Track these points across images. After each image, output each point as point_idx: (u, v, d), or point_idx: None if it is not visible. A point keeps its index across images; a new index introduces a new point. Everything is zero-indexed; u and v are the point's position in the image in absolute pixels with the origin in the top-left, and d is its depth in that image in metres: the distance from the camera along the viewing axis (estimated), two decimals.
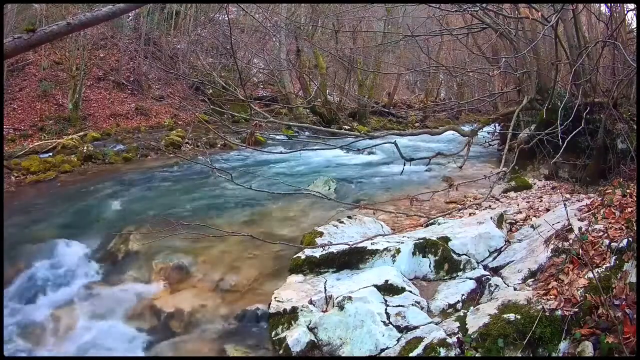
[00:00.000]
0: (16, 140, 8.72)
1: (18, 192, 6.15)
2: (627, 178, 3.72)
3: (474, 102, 10.67)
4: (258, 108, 5.28)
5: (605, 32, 5.12)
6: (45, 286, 3.65)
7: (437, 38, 10.39)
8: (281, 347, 2.67)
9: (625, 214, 2.75)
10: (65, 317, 3.28)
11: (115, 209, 5.25)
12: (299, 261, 3.38)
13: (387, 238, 3.52)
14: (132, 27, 13.95)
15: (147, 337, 3.07)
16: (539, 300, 2.39)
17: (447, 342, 2.33)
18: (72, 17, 2.26)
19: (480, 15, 5.73)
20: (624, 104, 4.99)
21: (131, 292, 3.50)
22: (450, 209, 4.59)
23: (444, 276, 3.17)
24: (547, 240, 3.02)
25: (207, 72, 11.32)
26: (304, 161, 7.74)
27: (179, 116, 11.85)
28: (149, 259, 3.78)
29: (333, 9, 12.00)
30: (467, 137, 5.06)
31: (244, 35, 14.49)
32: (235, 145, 8.47)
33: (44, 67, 11.13)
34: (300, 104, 12.53)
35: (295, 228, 4.36)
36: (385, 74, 14.21)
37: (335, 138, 6.40)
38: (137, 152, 8.44)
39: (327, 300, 2.91)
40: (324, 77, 13.56)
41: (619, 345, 1.95)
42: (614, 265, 2.37)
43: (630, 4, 5.15)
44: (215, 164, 5.99)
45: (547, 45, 6.27)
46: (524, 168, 6.10)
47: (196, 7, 14.81)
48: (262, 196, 4.87)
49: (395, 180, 5.99)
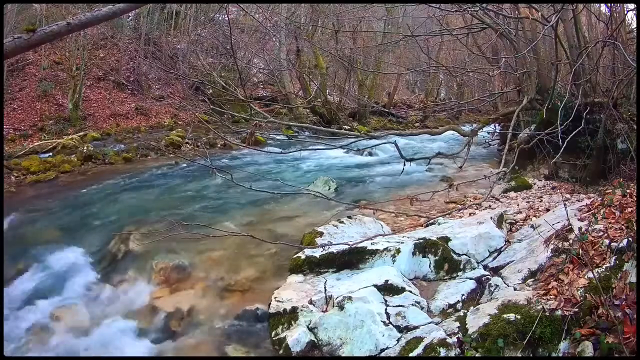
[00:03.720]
0: (16, 140, 8.72)
1: (18, 192, 6.15)
2: (627, 178, 3.72)
3: (474, 102, 10.66)
4: (258, 108, 5.28)
5: (605, 32, 5.11)
6: (45, 286, 3.64)
7: (437, 38, 10.38)
8: (281, 347, 2.67)
9: (625, 214, 2.75)
10: (65, 317, 3.27)
11: (115, 209, 5.25)
12: (299, 261, 3.38)
13: (387, 238, 3.52)
14: (132, 27, 13.97)
15: (147, 337, 3.07)
16: (539, 300, 2.39)
17: (447, 342, 2.33)
18: (72, 17, 2.25)
19: (480, 15, 5.73)
20: (624, 104, 4.99)
21: (131, 292, 3.50)
22: (450, 209, 4.59)
23: (444, 276, 3.17)
24: (547, 240, 3.02)
25: (207, 72, 11.32)
26: (304, 161, 7.74)
27: (179, 116, 11.85)
28: (149, 259, 3.78)
29: (333, 9, 12.01)
30: (467, 137, 5.06)
31: (244, 35, 14.50)
32: (235, 145, 8.46)
33: (44, 67, 11.13)
34: (300, 104, 12.54)
35: (295, 228, 4.35)
36: (385, 74, 14.21)
37: (335, 138, 6.39)
38: (137, 152, 8.43)
39: (327, 300, 2.91)
40: (324, 77, 13.56)
41: (619, 345, 1.95)
42: (614, 265, 2.37)
43: (630, 4, 5.15)
44: (215, 164, 5.99)
45: (547, 45, 6.28)
46: (524, 168, 6.10)
47: (196, 7, 14.80)
48: (262, 196, 4.87)
49: (395, 180, 5.98)
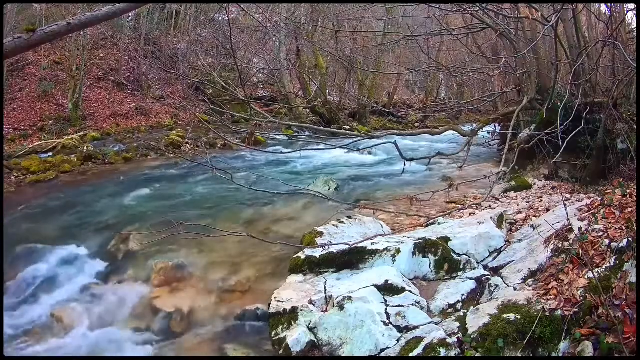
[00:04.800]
0: (16, 140, 8.73)
1: (18, 192, 6.15)
2: (627, 178, 3.71)
3: (474, 102, 10.66)
4: (258, 108, 5.28)
5: (605, 32, 5.11)
6: (45, 286, 3.65)
7: (437, 38, 10.38)
8: (281, 347, 2.67)
9: (625, 214, 2.75)
10: (65, 317, 3.28)
11: (115, 209, 5.25)
12: (299, 261, 3.38)
13: (387, 238, 3.52)
14: (132, 27, 13.97)
15: (147, 337, 3.07)
16: (539, 300, 2.39)
17: (447, 342, 2.33)
18: (72, 17, 2.25)
19: (480, 15, 5.73)
20: (624, 104, 4.99)
21: (131, 292, 3.50)
22: (450, 209, 4.59)
23: (444, 276, 3.17)
24: (547, 240, 3.02)
25: (207, 72, 11.32)
26: (304, 161, 7.75)
27: (179, 116, 11.86)
28: (148, 258, 3.78)
29: (333, 9, 12.01)
30: (467, 137, 5.05)
31: (244, 35, 14.50)
32: (235, 145, 8.46)
33: (44, 67, 11.13)
34: (300, 104, 12.54)
35: (295, 228, 4.35)
36: (385, 74, 14.21)
37: (335, 138, 6.39)
38: (137, 152, 8.43)
39: (327, 300, 2.91)
40: (324, 77, 13.56)
41: (619, 345, 1.95)
42: (614, 265, 2.37)
43: (630, 4, 5.15)
44: (215, 164, 5.99)
45: (547, 45, 6.28)
46: (524, 168, 6.10)
47: (196, 7, 14.81)
48: (262, 196, 4.87)
49: (395, 180, 5.99)
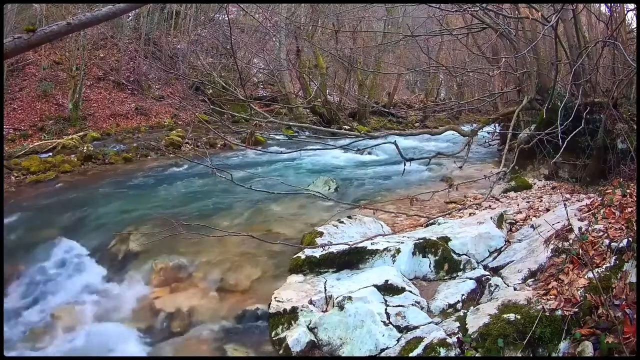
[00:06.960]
0: (16, 140, 8.72)
1: (18, 192, 6.15)
2: (627, 178, 3.71)
3: (474, 102, 10.65)
4: (258, 108, 5.28)
5: (605, 32, 5.12)
6: (45, 286, 3.65)
7: (437, 38, 10.39)
8: (281, 347, 2.67)
9: (625, 214, 2.75)
10: (65, 317, 3.28)
11: (115, 209, 5.24)
12: (299, 261, 3.38)
13: (387, 238, 3.52)
14: (132, 27, 13.96)
15: (147, 337, 3.07)
16: (539, 300, 2.39)
17: (447, 342, 2.33)
18: (72, 17, 2.25)
19: (480, 15, 5.73)
20: (624, 104, 4.99)
21: (131, 292, 3.50)
22: (450, 209, 4.59)
23: (444, 276, 3.17)
24: (547, 240, 3.02)
25: (207, 72, 11.33)
26: (304, 161, 7.74)
27: (179, 116, 11.85)
28: (148, 259, 3.78)
29: (333, 9, 12.00)
30: (467, 137, 5.06)
31: (244, 35, 14.49)
32: (235, 145, 8.46)
33: (44, 67, 11.13)
34: (300, 104, 12.53)
35: (295, 228, 4.35)
36: (385, 74, 14.21)
37: (335, 138, 6.41)
38: (137, 152, 8.43)
39: (327, 300, 2.91)
40: (324, 77, 13.56)
41: (619, 345, 1.95)
42: (614, 265, 2.37)
43: (630, 4, 5.16)
44: (215, 164, 5.99)
45: (547, 45, 6.28)
46: (524, 168, 6.10)
47: (196, 7, 14.82)
48: (262, 196, 4.87)
49: (395, 180, 5.99)
